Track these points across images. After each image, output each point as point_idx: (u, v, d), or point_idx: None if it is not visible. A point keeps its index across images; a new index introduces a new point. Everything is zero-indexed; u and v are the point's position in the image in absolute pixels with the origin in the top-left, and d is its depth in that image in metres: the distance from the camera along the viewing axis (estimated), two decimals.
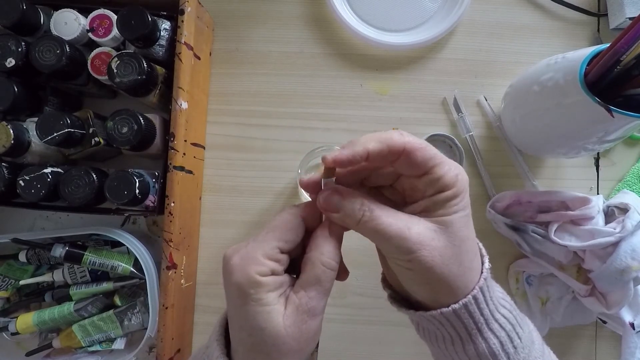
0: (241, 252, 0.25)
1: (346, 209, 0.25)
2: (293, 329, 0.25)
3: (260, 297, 0.24)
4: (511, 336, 0.27)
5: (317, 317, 0.26)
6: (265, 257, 0.25)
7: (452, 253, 0.25)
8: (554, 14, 0.54)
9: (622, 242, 0.42)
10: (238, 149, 0.54)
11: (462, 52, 0.54)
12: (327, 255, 0.26)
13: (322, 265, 0.26)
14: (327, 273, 0.26)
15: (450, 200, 0.25)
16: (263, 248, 0.25)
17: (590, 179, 0.53)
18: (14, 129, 0.43)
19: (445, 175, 0.25)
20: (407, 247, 0.24)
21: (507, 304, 0.28)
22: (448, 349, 0.28)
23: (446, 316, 0.26)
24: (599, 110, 0.34)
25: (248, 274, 0.24)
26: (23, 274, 0.50)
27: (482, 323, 0.26)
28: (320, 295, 0.26)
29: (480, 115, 0.54)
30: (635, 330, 0.46)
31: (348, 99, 0.54)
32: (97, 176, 0.43)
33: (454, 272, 0.25)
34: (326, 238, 0.26)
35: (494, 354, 0.26)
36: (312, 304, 0.25)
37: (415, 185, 0.26)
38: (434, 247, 0.24)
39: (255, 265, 0.24)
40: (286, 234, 0.26)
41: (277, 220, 0.26)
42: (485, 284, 0.26)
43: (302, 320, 0.25)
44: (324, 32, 0.54)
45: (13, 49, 0.42)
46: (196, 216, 0.52)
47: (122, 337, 0.49)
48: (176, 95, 0.45)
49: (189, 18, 0.45)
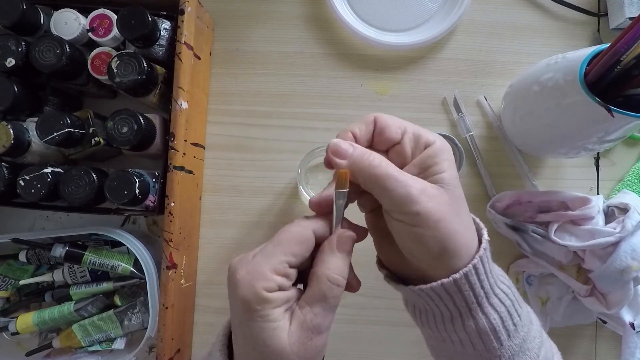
0: (248, 266, 0.25)
1: (356, 153, 0.26)
2: (298, 346, 0.24)
3: (266, 313, 0.24)
4: (511, 312, 0.26)
5: (322, 334, 0.25)
6: (273, 272, 0.24)
7: (454, 209, 0.25)
8: (554, 14, 0.54)
9: (622, 242, 0.42)
10: (238, 149, 0.54)
11: (462, 52, 0.54)
12: (333, 270, 0.25)
13: (328, 281, 0.25)
14: (333, 289, 0.25)
15: (439, 155, 0.26)
16: (271, 262, 0.24)
17: (590, 179, 0.53)
18: (14, 129, 0.43)
19: (422, 132, 0.27)
20: (416, 197, 0.24)
21: (506, 280, 0.28)
22: (447, 328, 0.27)
23: (446, 288, 0.25)
24: (599, 110, 0.34)
25: (255, 289, 0.24)
26: (23, 274, 0.50)
27: (482, 297, 0.26)
28: (326, 312, 0.25)
29: (480, 115, 0.54)
30: (635, 330, 0.46)
31: (348, 99, 0.54)
32: (97, 176, 0.43)
33: (457, 229, 0.25)
34: (333, 252, 0.26)
35: (495, 330, 0.26)
36: (317, 321, 0.24)
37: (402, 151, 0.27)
38: (439, 200, 0.24)
39: (262, 281, 0.24)
40: (295, 248, 0.25)
41: (287, 232, 0.26)
42: (485, 254, 0.26)
43: (307, 337, 0.24)
44: (324, 32, 0.55)
45: (13, 49, 0.42)
46: (196, 216, 0.52)
47: (122, 337, 0.49)
48: (176, 95, 0.45)
49: (189, 18, 0.45)
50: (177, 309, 0.47)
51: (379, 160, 0.25)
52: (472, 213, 0.28)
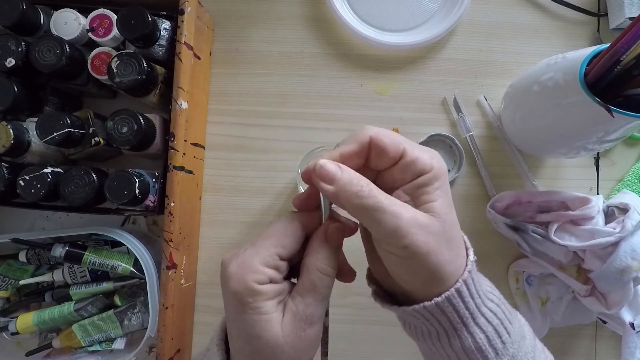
0: (238, 260, 0.25)
1: (343, 180, 0.24)
2: (291, 337, 0.24)
3: (258, 305, 0.24)
4: (499, 331, 0.26)
5: (314, 324, 0.25)
6: (264, 264, 0.24)
7: (444, 239, 0.24)
8: (554, 14, 0.54)
9: (622, 242, 0.42)
10: (238, 149, 0.54)
11: (462, 52, 0.54)
12: (322, 260, 0.25)
13: (318, 271, 0.25)
14: (323, 279, 0.25)
15: (432, 184, 0.25)
16: (261, 255, 0.25)
17: (590, 179, 0.53)
18: (14, 129, 0.43)
19: (419, 157, 0.25)
20: (404, 230, 0.23)
21: (495, 298, 0.27)
22: (434, 344, 0.27)
23: (429, 310, 0.25)
24: (599, 110, 0.34)
25: (246, 282, 0.24)
26: (23, 274, 0.50)
27: (468, 317, 0.26)
28: (317, 302, 0.25)
29: (480, 115, 0.54)
30: (635, 330, 0.46)
31: (348, 99, 0.54)
32: (97, 176, 0.43)
33: (446, 258, 0.24)
34: (322, 243, 0.26)
35: (481, 349, 0.26)
36: (309, 311, 0.25)
37: (395, 175, 0.26)
38: (428, 231, 0.24)
39: (252, 274, 0.24)
40: (284, 241, 0.25)
41: (275, 226, 0.26)
42: (469, 276, 0.25)
43: (300, 328, 0.25)
44: (324, 32, 0.55)
45: (13, 49, 0.42)
46: (196, 216, 0.52)
47: (122, 337, 0.49)
48: (176, 95, 0.45)
49: (189, 18, 0.45)
50: (177, 309, 0.47)
51: (367, 189, 0.24)
52: (472, 213, 0.28)
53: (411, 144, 0.25)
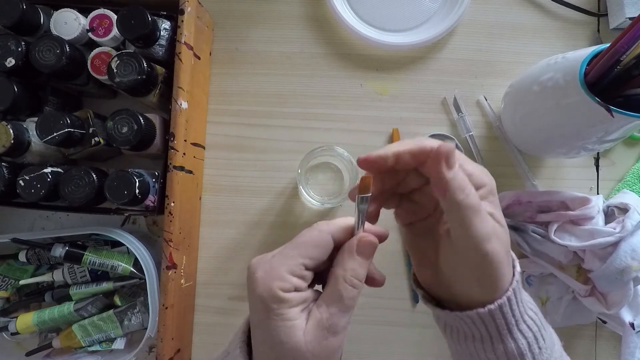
0: (266, 266, 0.25)
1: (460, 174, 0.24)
2: (314, 344, 0.24)
3: (282, 312, 0.24)
4: (537, 337, 0.28)
5: (338, 334, 0.25)
6: (289, 273, 0.25)
7: (507, 250, 0.26)
8: (554, 14, 0.54)
9: (622, 242, 0.42)
10: (238, 149, 0.54)
11: (462, 52, 0.54)
12: (350, 272, 0.26)
13: (345, 283, 0.25)
14: (350, 291, 0.25)
15: (487, 197, 0.26)
16: (288, 264, 0.25)
17: (590, 179, 0.53)
18: (14, 129, 0.43)
19: (474, 173, 0.26)
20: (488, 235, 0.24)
21: (533, 307, 0.29)
22: (476, 347, 0.28)
23: (481, 316, 0.26)
24: (599, 110, 0.34)
25: (271, 289, 0.24)
26: (23, 274, 0.50)
27: (513, 324, 0.27)
28: (342, 313, 0.25)
29: (480, 115, 0.54)
30: (635, 330, 0.46)
31: (348, 99, 0.54)
32: (97, 176, 0.43)
33: (508, 269, 0.26)
34: (352, 255, 0.26)
35: (522, 354, 0.27)
36: (333, 321, 0.25)
37: None
38: (502, 241, 0.25)
39: (278, 281, 0.24)
40: (313, 252, 0.26)
41: (305, 235, 0.26)
42: (517, 286, 0.27)
43: (323, 337, 0.25)
44: (324, 32, 0.55)
45: (13, 49, 0.42)
46: (196, 216, 0.52)
47: (122, 337, 0.49)
48: (176, 95, 0.45)
49: (189, 18, 0.45)
50: (177, 309, 0.47)
51: (470, 187, 0.24)
52: None
53: (465, 159, 0.26)
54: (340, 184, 0.52)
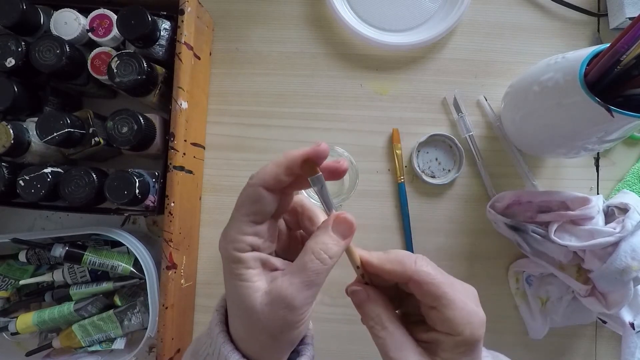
0: (223, 232, 0.26)
1: (364, 310, 0.27)
2: (267, 309, 0.24)
3: (240, 272, 0.25)
4: None
5: (294, 310, 0.24)
6: (239, 233, 0.25)
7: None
8: (554, 14, 0.54)
9: (622, 242, 0.42)
10: (238, 149, 0.54)
11: (462, 52, 0.54)
12: (321, 245, 0.25)
13: (312, 254, 0.25)
14: (315, 263, 0.25)
15: (458, 348, 0.25)
16: (235, 226, 0.26)
17: (590, 179, 0.53)
18: (14, 129, 0.43)
19: (454, 319, 0.25)
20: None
21: None
22: None
23: None
24: (599, 110, 0.34)
25: (227, 251, 0.25)
26: (23, 274, 0.50)
27: None
28: (303, 286, 0.24)
29: (480, 115, 0.54)
30: (635, 330, 0.46)
31: (348, 99, 0.54)
32: (97, 176, 0.43)
33: None
34: (326, 230, 0.26)
35: None
36: (291, 291, 0.24)
37: (427, 312, 0.26)
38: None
39: (232, 243, 0.25)
40: (252, 207, 0.25)
41: (242, 195, 0.26)
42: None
43: (278, 306, 0.24)
44: (324, 32, 0.54)
45: (13, 49, 0.42)
46: (196, 216, 0.52)
47: (122, 337, 0.49)
48: (176, 95, 0.45)
49: (189, 18, 0.45)
50: (177, 309, 0.47)
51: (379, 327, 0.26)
52: (472, 213, 0.28)
53: (451, 300, 0.25)
54: (340, 184, 0.52)
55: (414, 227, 0.52)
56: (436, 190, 0.53)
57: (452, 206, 0.53)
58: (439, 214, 0.53)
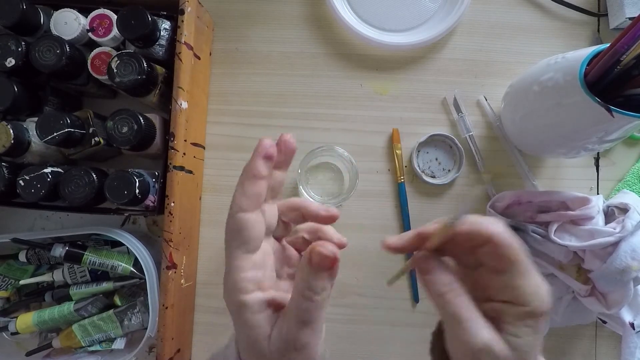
0: (224, 279, 0.25)
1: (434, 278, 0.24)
2: (277, 355, 0.24)
3: (246, 318, 0.24)
4: None
5: (302, 350, 0.24)
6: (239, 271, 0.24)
7: None
8: (554, 14, 0.54)
9: (622, 242, 0.42)
10: (238, 149, 0.54)
11: (462, 52, 0.54)
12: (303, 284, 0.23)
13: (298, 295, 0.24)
14: (301, 303, 0.23)
15: (523, 320, 0.23)
16: (233, 265, 0.25)
17: (590, 179, 0.53)
18: (14, 129, 0.43)
19: (523, 287, 0.23)
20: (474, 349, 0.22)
21: None
22: None
23: None
24: (599, 110, 0.34)
25: (231, 297, 0.25)
26: (23, 274, 0.50)
27: None
28: (300, 327, 0.24)
29: (480, 115, 0.54)
30: (635, 330, 0.46)
31: (348, 99, 0.54)
32: (97, 176, 0.43)
33: None
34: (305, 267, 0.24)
35: None
36: (292, 335, 0.24)
37: (490, 282, 0.24)
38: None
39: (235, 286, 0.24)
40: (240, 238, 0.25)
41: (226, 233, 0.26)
42: None
43: (286, 349, 0.24)
44: (324, 32, 0.55)
45: (13, 49, 0.42)
46: (196, 216, 0.52)
47: (122, 337, 0.49)
48: (176, 95, 0.45)
49: (189, 18, 0.45)
50: (177, 309, 0.47)
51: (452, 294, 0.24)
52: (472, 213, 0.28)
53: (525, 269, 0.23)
54: (340, 184, 0.52)
55: (414, 227, 0.52)
56: (436, 190, 0.53)
57: (452, 206, 0.53)
58: (439, 214, 0.53)
